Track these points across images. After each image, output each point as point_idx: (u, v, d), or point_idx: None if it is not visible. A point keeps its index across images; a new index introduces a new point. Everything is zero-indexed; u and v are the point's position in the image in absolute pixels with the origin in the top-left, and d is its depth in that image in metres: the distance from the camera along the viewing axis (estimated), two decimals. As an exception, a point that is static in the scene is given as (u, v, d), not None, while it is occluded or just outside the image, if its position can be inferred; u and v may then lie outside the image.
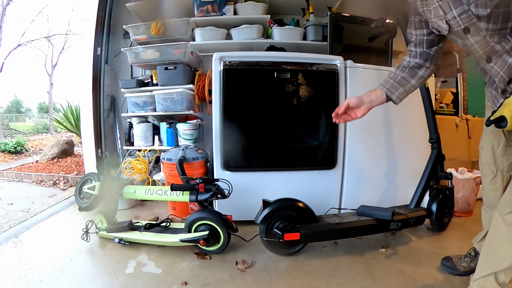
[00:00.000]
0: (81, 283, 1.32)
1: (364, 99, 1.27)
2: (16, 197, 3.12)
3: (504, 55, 0.96)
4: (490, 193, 1.25)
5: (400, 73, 1.26)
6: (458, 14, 0.95)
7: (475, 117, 2.60)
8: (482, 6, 0.88)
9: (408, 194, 1.75)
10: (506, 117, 0.88)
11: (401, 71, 1.26)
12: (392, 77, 1.27)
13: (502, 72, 0.98)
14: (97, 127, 2.67)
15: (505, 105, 0.91)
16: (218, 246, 1.56)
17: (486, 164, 1.24)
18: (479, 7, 0.89)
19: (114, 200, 1.80)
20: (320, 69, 1.85)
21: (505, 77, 0.98)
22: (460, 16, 0.95)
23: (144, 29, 2.61)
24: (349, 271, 1.41)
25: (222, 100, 1.77)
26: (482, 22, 0.92)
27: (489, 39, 0.95)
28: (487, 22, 0.92)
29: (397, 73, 1.27)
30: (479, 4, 0.89)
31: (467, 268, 1.32)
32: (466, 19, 0.94)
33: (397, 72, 1.27)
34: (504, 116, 0.89)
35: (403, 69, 1.26)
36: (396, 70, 1.28)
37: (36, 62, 24.46)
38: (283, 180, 1.88)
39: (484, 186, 1.28)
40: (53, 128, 11.06)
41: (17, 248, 1.67)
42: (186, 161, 1.97)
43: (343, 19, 2.44)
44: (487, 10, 0.88)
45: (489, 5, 0.87)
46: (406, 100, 1.92)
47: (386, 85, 1.26)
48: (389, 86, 1.26)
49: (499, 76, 0.99)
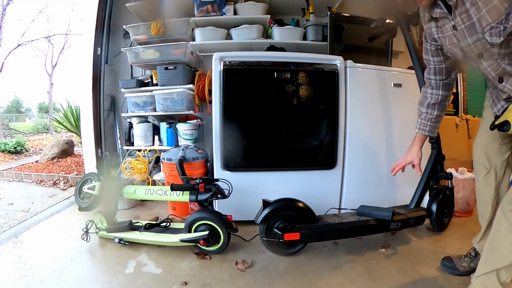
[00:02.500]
0: (81, 283, 1.32)
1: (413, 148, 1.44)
2: (16, 197, 3.13)
3: None
4: (483, 190, 1.27)
5: (432, 112, 1.36)
6: (473, 42, 1.01)
7: (475, 117, 2.60)
8: (496, 35, 0.94)
9: (408, 194, 1.75)
10: (510, 121, 0.94)
11: (432, 109, 1.35)
12: (428, 119, 1.37)
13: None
14: (97, 127, 2.68)
15: (510, 110, 0.96)
16: (218, 246, 1.56)
17: (480, 160, 1.26)
18: (493, 36, 0.95)
19: (114, 200, 1.80)
20: (320, 69, 1.85)
21: None
22: (475, 44, 1.01)
23: (144, 29, 2.61)
24: (349, 271, 1.41)
25: (222, 100, 1.77)
26: (495, 48, 0.98)
27: (500, 62, 1.00)
28: (500, 48, 0.97)
29: (429, 112, 1.36)
30: (493, 34, 0.94)
31: (467, 268, 1.32)
32: (480, 46, 1.00)
33: (429, 111, 1.36)
34: (508, 120, 0.95)
35: (433, 107, 1.35)
36: (427, 110, 1.36)
37: (36, 62, 24.53)
38: (283, 180, 1.88)
39: (477, 183, 1.30)
40: (53, 128, 11.08)
41: (17, 248, 1.67)
42: (186, 161, 1.97)
43: (343, 19, 2.45)
44: (500, 39, 0.94)
45: (502, 34, 0.93)
46: (406, 100, 1.94)
47: (425, 128, 1.39)
48: (429, 128, 1.39)
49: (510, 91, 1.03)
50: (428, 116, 1.36)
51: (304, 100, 1.83)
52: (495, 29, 0.93)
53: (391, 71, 1.98)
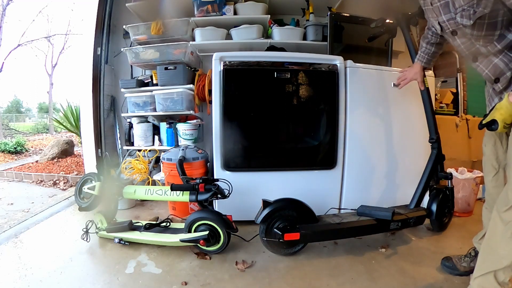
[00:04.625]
0: (81, 283, 1.32)
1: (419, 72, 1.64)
2: (16, 197, 3.13)
3: (490, 56, 1.04)
4: (492, 190, 1.26)
5: (431, 48, 1.53)
6: (447, 20, 1.07)
7: (475, 117, 2.60)
8: (466, 17, 0.98)
9: (408, 194, 1.75)
10: (497, 120, 0.95)
11: (431, 46, 1.52)
12: (426, 52, 1.56)
13: (487, 71, 1.06)
14: (97, 127, 2.67)
15: (496, 109, 0.97)
16: (218, 246, 1.56)
17: (489, 160, 1.25)
18: (464, 17, 0.99)
19: (114, 200, 1.80)
20: (320, 69, 1.85)
21: (490, 75, 1.06)
22: (448, 21, 1.07)
23: (144, 29, 2.61)
24: (349, 271, 1.41)
25: (222, 100, 1.77)
26: (467, 29, 1.02)
27: (474, 42, 1.04)
28: (472, 30, 1.01)
29: (428, 47, 1.54)
30: (464, 15, 0.98)
31: (467, 268, 1.32)
32: (453, 24, 1.05)
33: (428, 47, 1.54)
34: (495, 119, 0.96)
35: (432, 45, 1.52)
36: (426, 45, 1.54)
37: (36, 62, 24.31)
38: (283, 180, 1.88)
39: (487, 183, 1.29)
40: (53, 128, 11.07)
41: (17, 248, 1.67)
42: (186, 161, 1.97)
43: (343, 19, 2.45)
44: (470, 21, 0.98)
45: (472, 17, 0.96)
46: (406, 100, 1.94)
47: (423, 60, 1.59)
48: (425, 60, 1.58)
49: (484, 74, 1.08)
50: (426, 51, 1.55)
51: (304, 100, 1.83)
52: (466, 12, 0.96)
53: (391, 71, 1.97)
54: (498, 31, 0.97)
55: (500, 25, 0.96)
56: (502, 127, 0.95)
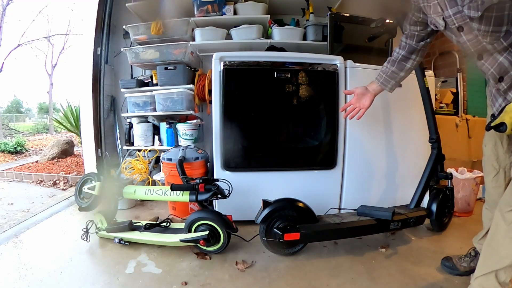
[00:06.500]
0: (81, 283, 1.32)
1: (368, 88, 1.49)
2: (16, 197, 3.13)
3: (495, 54, 1.01)
4: (493, 190, 1.25)
5: (390, 67, 1.42)
6: (453, 14, 1.02)
7: (475, 117, 2.60)
8: (474, 9, 0.95)
9: (408, 194, 1.75)
10: (506, 123, 0.94)
11: (391, 65, 1.42)
12: (384, 72, 1.44)
13: (493, 69, 1.03)
14: (97, 127, 2.67)
15: (506, 112, 0.96)
16: (218, 246, 1.56)
17: (489, 161, 1.25)
18: (471, 9, 0.95)
19: (114, 200, 1.80)
20: (320, 69, 1.85)
21: (495, 74, 1.03)
22: (455, 16, 1.02)
23: (144, 29, 2.61)
24: (349, 271, 1.41)
25: (222, 100, 1.77)
26: (474, 23, 0.98)
27: (481, 39, 1.01)
28: (479, 24, 0.97)
29: (388, 67, 1.43)
30: (472, 7, 0.95)
31: (467, 268, 1.32)
32: (460, 19, 1.01)
33: (388, 66, 1.43)
34: (504, 122, 0.95)
35: (393, 63, 1.41)
36: (387, 64, 1.44)
37: (36, 62, 24.37)
38: (283, 180, 1.88)
39: (487, 184, 1.29)
40: (53, 128, 11.07)
41: (17, 248, 1.67)
42: (186, 161, 1.97)
43: (343, 19, 2.44)
44: (478, 13, 0.94)
45: (480, 8, 0.93)
46: (406, 100, 1.94)
47: (380, 79, 1.46)
48: (382, 80, 1.45)
49: (490, 73, 1.05)
50: (384, 69, 1.44)
51: (304, 100, 1.83)
52: (474, 3, 0.93)
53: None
54: (505, 26, 0.96)
55: (506, 19, 0.95)
56: (510, 130, 0.95)
